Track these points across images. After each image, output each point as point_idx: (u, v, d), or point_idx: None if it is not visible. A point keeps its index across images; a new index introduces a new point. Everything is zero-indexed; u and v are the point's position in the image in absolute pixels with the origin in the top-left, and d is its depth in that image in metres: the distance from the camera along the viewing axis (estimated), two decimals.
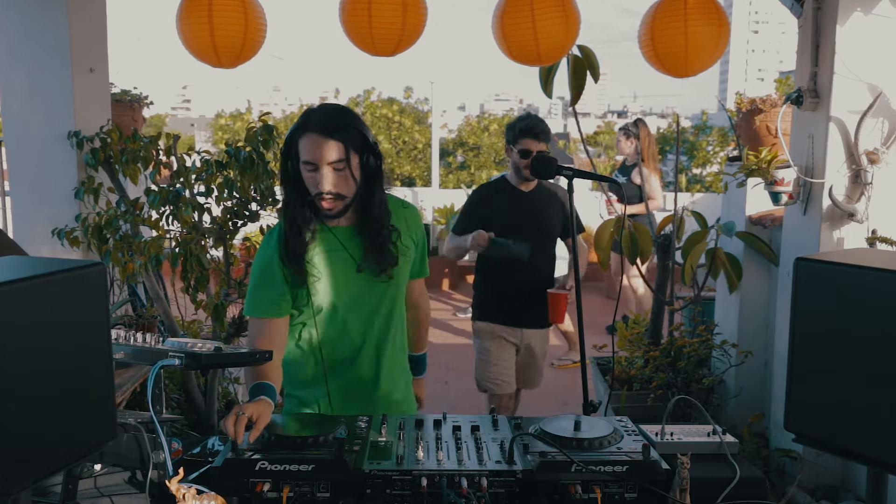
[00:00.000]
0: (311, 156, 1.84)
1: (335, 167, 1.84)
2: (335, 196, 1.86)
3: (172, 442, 1.68)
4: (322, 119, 1.86)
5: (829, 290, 1.26)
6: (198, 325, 3.69)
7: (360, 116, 1.95)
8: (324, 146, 1.83)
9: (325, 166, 1.83)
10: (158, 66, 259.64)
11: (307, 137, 1.84)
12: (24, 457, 1.09)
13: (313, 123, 1.85)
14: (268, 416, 1.66)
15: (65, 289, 1.15)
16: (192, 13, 2.51)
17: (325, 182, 1.84)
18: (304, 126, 1.86)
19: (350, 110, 1.96)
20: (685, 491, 1.45)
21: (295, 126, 1.89)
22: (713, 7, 2.50)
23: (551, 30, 2.48)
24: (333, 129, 1.84)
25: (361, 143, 1.88)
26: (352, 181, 1.88)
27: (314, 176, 1.85)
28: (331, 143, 1.83)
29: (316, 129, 1.84)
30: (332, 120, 1.86)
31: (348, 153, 1.85)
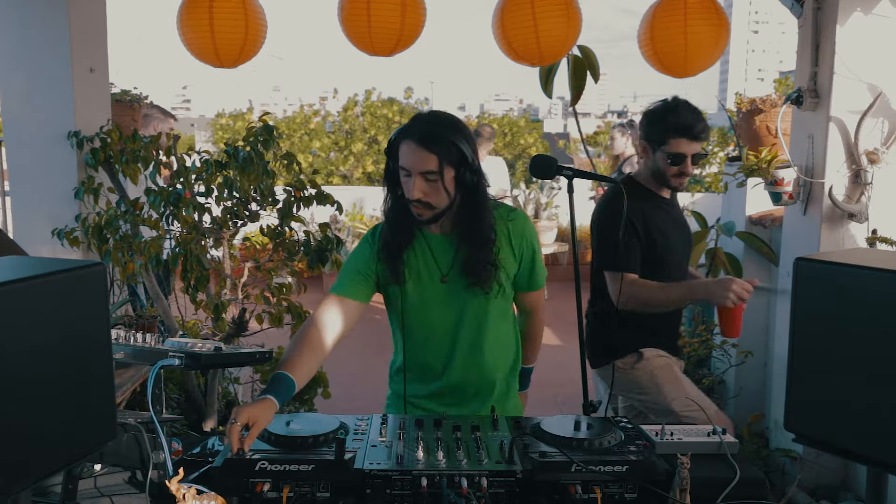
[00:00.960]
0: (406, 163, 1.86)
1: (427, 178, 1.85)
2: (424, 205, 1.88)
3: (172, 442, 1.67)
4: (423, 129, 1.86)
5: (829, 290, 1.26)
6: (198, 326, 3.69)
7: (465, 130, 1.92)
8: (418, 156, 1.84)
9: (417, 175, 1.85)
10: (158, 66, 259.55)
11: (406, 144, 1.86)
12: (24, 457, 1.09)
13: (414, 132, 1.86)
14: (265, 420, 1.58)
15: (65, 289, 1.15)
16: (192, 14, 2.51)
17: (415, 190, 1.86)
18: (406, 132, 1.88)
19: (456, 123, 1.92)
20: (685, 491, 1.45)
21: (399, 129, 1.91)
22: (713, 7, 2.50)
23: (553, 28, 2.48)
24: (431, 141, 1.84)
25: (458, 158, 1.87)
26: (444, 193, 1.87)
27: (407, 182, 1.88)
28: (425, 154, 1.83)
29: (414, 138, 1.85)
30: (433, 131, 1.86)
31: (442, 167, 1.84)
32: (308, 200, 3.11)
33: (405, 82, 18.19)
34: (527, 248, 2.04)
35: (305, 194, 3.11)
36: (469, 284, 1.96)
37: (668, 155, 2.46)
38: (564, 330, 6.15)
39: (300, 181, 3.13)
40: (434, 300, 2.00)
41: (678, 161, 2.47)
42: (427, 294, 2.00)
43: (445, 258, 1.99)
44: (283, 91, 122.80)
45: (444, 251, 1.99)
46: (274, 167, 3.15)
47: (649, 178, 2.58)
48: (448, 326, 2.01)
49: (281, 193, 3.16)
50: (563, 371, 5.14)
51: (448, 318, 2.01)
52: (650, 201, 2.56)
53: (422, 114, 1.96)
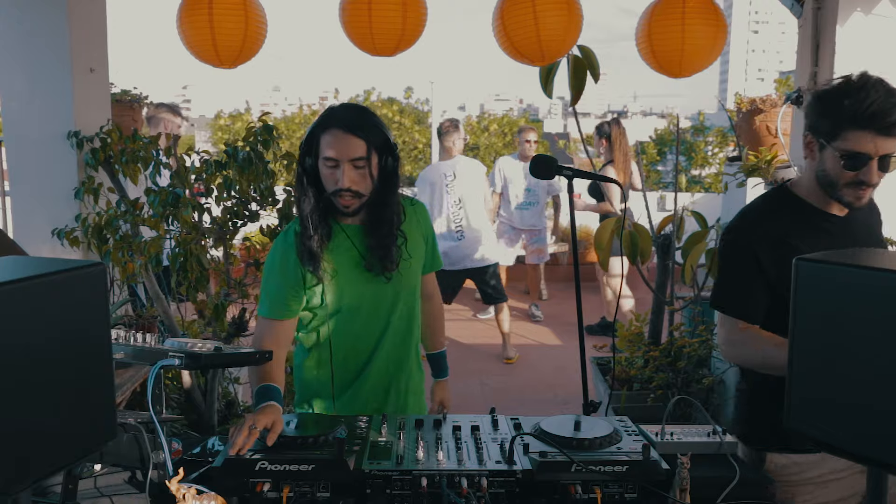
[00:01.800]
0: (334, 152, 1.85)
1: (355, 164, 1.86)
2: (354, 193, 1.88)
3: (172, 442, 1.68)
4: (346, 116, 1.88)
5: (829, 290, 1.26)
6: (198, 326, 3.69)
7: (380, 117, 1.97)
8: (347, 142, 1.85)
9: (346, 163, 1.85)
10: (158, 66, 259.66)
11: (330, 133, 1.86)
12: (24, 457, 1.09)
13: (337, 120, 1.87)
14: (281, 423, 1.64)
15: (65, 289, 1.15)
16: (192, 13, 2.51)
17: (345, 178, 1.85)
18: (328, 122, 1.88)
19: (371, 111, 1.97)
20: (685, 491, 1.45)
21: (317, 122, 1.90)
22: (711, 8, 2.50)
23: (554, 25, 2.48)
24: (357, 127, 1.86)
25: (382, 143, 1.90)
26: (369, 180, 1.89)
27: (334, 173, 1.87)
28: (354, 139, 1.85)
29: (340, 126, 1.86)
30: (356, 118, 1.88)
31: (370, 152, 1.87)
32: None
33: (405, 82, 18.21)
34: (430, 231, 2.14)
35: None
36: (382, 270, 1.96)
37: (841, 154, 1.73)
38: (564, 330, 6.15)
39: None
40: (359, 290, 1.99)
41: (857, 163, 1.72)
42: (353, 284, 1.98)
43: (364, 247, 1.98)
44: (283, 91, 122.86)
45: (362, 239, 1.98)
46: (274, 167, 3.15)
47: (812, 188, 1.85)
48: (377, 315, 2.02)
49: (281, 193, 3.16)
50: (563, 371, 5.15)
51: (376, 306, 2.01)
52: (806, 221, 1.84)
53: (336, 106, 1.96)
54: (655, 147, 11.68)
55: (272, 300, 1.97)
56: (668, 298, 3.80)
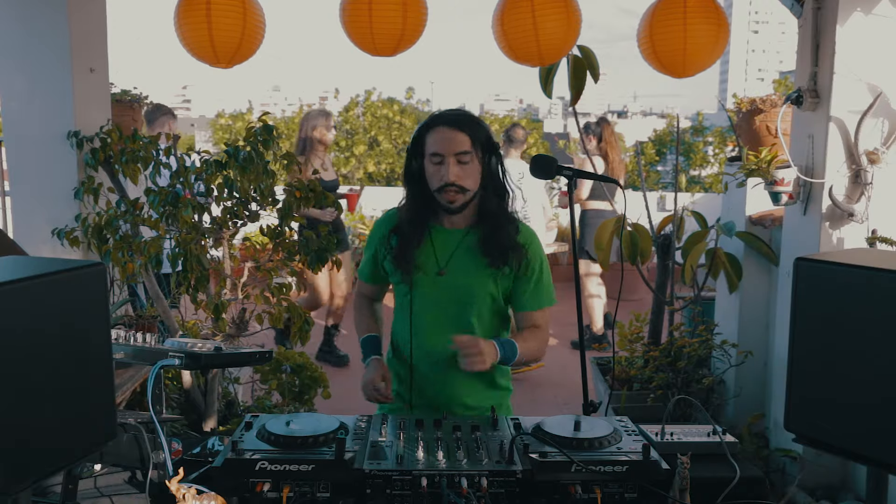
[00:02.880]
0: (439, 147, 1.94)
1: (460, 159, 1.94)
2: (458, 189, 1.95)
3: (172, 442, 1.67)
4: (450, 114, 2.00)
5: (829, 290, 1.26)
6: (198, 326, 3.69)
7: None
8: (451, 137, 1.94)
9: (451, 157, 1.93)
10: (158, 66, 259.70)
11: (436, 131, 1.96)
12: (24, 457, 1.09)
13: (443, 118, 1.98)
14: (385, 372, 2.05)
15: (65, 289, 1.15)
16: (189, 11, 2.51)
17: (450, 173, 1.93)
18: (434, 121, 1.98)
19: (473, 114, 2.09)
20: (685, 491, 1.45)
21: (424, 123, 2.01)
22: (712, 7, 2.50)
23: (552, 28, 2.48)
24: (461, 123, 1.97)
25: (486, 141, 1.98)
26: (476, 176, 1.97)
27: (439, 169, 1.95)
28: (458, 134, 1.94)
29: (445, 122, 1.96)
30: (460, 116, 1.99)
31: (474, 146, 1.95)
32: (308, 201, 3.11)
33: (405, 82, 18.21)
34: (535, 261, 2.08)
35: (305, 194, 3.11)
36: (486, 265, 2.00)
37: None
38: (564, 330, 6.15)
39: (300, 181, 3.13)
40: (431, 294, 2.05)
41: None
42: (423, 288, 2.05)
43: (445, 252, 2.03)
44: (284, 91, 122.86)
45: (446, 244, 2.04)
46: (274, 167, 3.15)
47: None
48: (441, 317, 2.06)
49: (281, 193, 3.16)
50: (564, 371, 5.15)
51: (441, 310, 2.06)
52: None
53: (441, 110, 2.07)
54: (654, 147, 11.68)
55: (364, 266, 2.24)
56: (668, 298, 3.80)
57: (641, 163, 6.73)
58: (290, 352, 3.63)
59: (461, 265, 2.03)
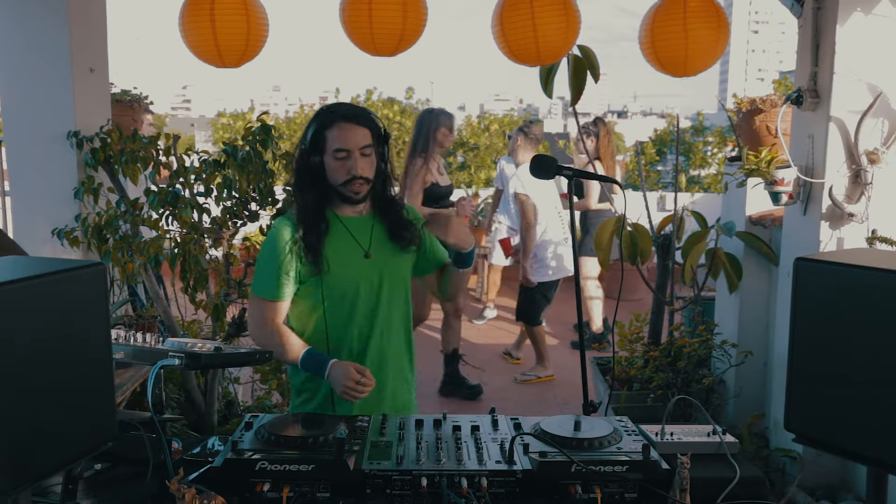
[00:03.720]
0: (344, 143, 1.97)
1: (363, 152, 1.99)
2: (365, 180, 2.00)
3: (172, 442, 1.67)
4: (348, 110, 2.02)
5: (829, 290, 1.26)
6: (198, 326, 3.69)
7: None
8: (355, 133, 1.98)
9: (357, 151, 1.98)
10: (158, 66, 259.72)
11: (337, 127, 1.99)
12: (24, 457, 1.09)
13: (341, 114, 2.00)
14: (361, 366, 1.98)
15: (65, 289, 1.15)
16: (194, 14, 2.51)
17: (358, 166, 1.98)
18: (333, 118, 2.00)
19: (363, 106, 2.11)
20: (685, 491, 1.45)
21: (320, 122, 2.01)
22: (713, 8, 2.50)
23: (551, 30, 2.48)
24: (360, 118, 2.01)
25: (380, 133, 2.05)
26: (374, 166, 2.03)
27: (345, 164, 1.99)
28: (361, 129, 1.99)
29: (346, 119, 1.99)
30: (356, 110, 2.03)
31: (374, 139, 2.01)
32: None
33: (406, 82, 18.18)
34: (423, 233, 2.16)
35: None
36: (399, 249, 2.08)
37: None
38: (564, 330, 6.15)
39: None
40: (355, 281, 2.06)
41: None
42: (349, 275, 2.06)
43: (363, 236, 2.08)
44: (284, 91, 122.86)
45: (361, 230, 2.08)
46: (273, 167, 3.15)
47: None
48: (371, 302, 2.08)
49: (280, 193, 3.16)
50: (563, 371, 5.15)
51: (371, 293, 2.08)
52: None
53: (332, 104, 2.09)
54: (654, 147, 11.68)
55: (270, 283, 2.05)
56: (668, 298, 3.80)
57: (641, 163, 6.71)
58: None
59: (383, 249, 2.09)
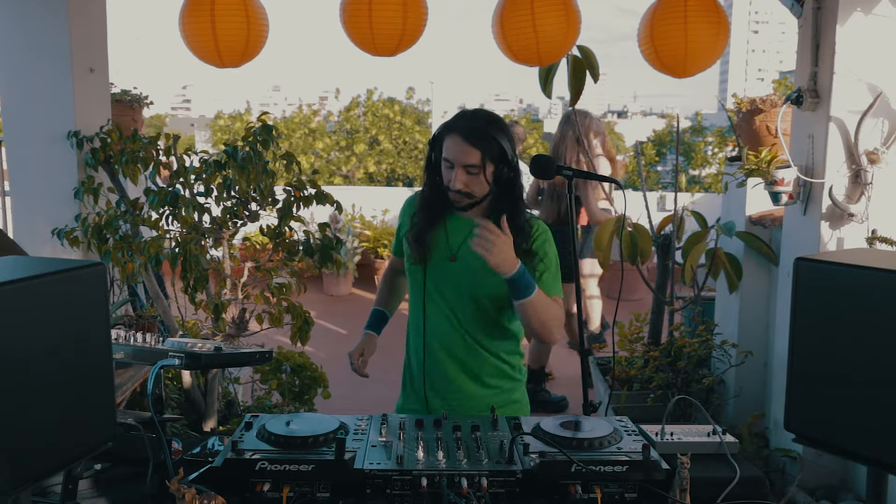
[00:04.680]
0: (450, 155, 1.98)
1: (469, 170, 1.97)
2: (464, 194, 2.00)
3: (172, 442, 1.67)
4: (468, 124, 1.98)
5: (829, 290, 1.26)
6: (198, 326, 3.69)
7: (507, 129, 2.03)
8: (462, 150, 1.96)
9: (460, 168, 1.97)
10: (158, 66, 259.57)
11: (451, 138, 1.99)
12: (24, 456, 1.09)
13: (460, 127, 1.99)
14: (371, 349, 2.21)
15: (65, 289, 1.15)
16: (194, 15, 2.51)
17: (457, 181, 1.98)
18: (452, 127, 2.00)
19: (498, 121, 2.03)
20: (685, 491, 1.45)
21: (445, 124, 2.04)
22: (713, 7, 2.50)
23: (552, 29, 2.48)
24: (475, 137, 1.95)
25: (498, 154, 1.98)
26: (484, 185, 2.00)
27: (449, 172, 2.00)
28: (469, 148, 1.95)
29: (460, 133, 1.97)
30: (478, 127, 1.97)
31: (484, 161, 1.97)
32: (308, 200, 3.11)
33: (406, 82, 18.20)
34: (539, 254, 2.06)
35: (305, 194, 3.11)
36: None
37: None
38: (565, 330, 6.15)
39: (300, 181, 3.13)
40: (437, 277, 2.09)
41: None
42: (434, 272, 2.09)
43: (457, 238, 2.08)
44: (283, 91, 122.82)
45: (458, 231, 2.08)
46: (273, 167, 3.15)
47: None
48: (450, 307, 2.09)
49: (280, 193, 3.16)
50: (563, 371, 5.15)
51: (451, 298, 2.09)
52: None
53: (467, 110, 2.08)
54: (654, 147, 11.69)
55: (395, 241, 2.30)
56: (668, 298, 3.80)
57: (641, 163, 6.71)
58: (290, 352, 3.63)
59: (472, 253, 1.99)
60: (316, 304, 6.66)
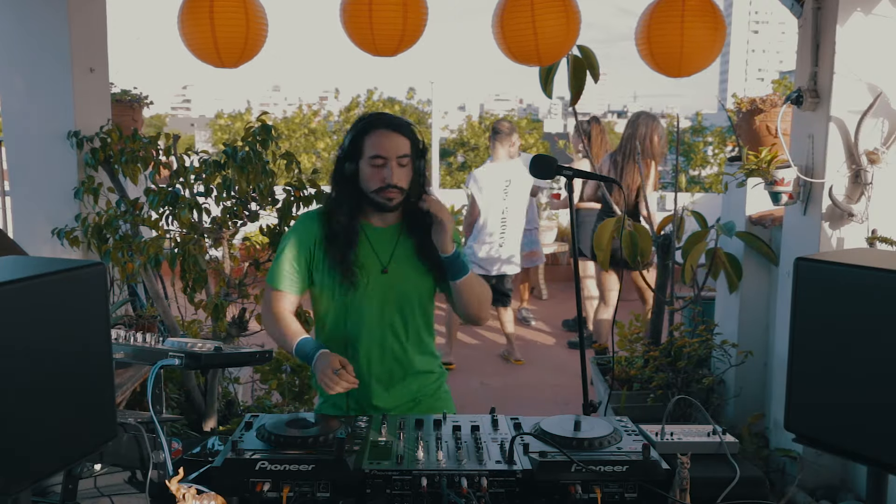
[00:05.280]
0: (382, 150, 1.97)
1: (400, 162, 1.98)
2: (398, 190, 1.99)
3: (172, 442, 1.67)
4: (388, 119, 2.03)
5: (829, 290, 1.26)
6: (198, 326, 3.69)
7: None
8: (394, 141, 1.98)
9: (394, 160, 1.97)
10: (158, 66, 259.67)
11: (377, 133, 1.99)
12: (24, 457, 1.09)
13: (382, 122, 2.01)
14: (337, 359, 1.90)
15: (65, 289, 1.15)
16: (193, 14, 2.51)
17: (394, 175, 1.97)
18: (373, 124, 2.01)
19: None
20: (685, 491, 1.45)
21: (360, 128, 2.02)
22: (710, 8, 2.50)
23: (551, 29, 2.48)
24: (401, 127, 2.01)
25: (419, 144, 2.04)
26: (410, 177, 2.02)
27: (380, 171, 1.98)
28: (400, 138, 1.99)
29: (386, 126, 1.99)
30: (398, 120, 2.03)
31: (413, 150, 2.01)
32: (308, 200, 3.12)
33: (406, 82, 18.20)
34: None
35: (305, 194, 3.11)
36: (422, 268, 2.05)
37: None
38: (561, 330, 6.15)
39: (300, 181, 3.13)
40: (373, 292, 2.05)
41: None
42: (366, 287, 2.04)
43: (385, 250, 2.06)
44: (283, 91, 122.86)
45: (384, 243, 2.06)
46: (273, 167, 3.15)
47: None
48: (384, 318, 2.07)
49: (280, 193, 3.16)
50: (563, 371, 5.15)
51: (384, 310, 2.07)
52: None
53: (373, 112, 2.11)
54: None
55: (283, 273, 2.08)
56: (668, 298, 3.80)
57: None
58: None
59: (402, 265, 2.06)
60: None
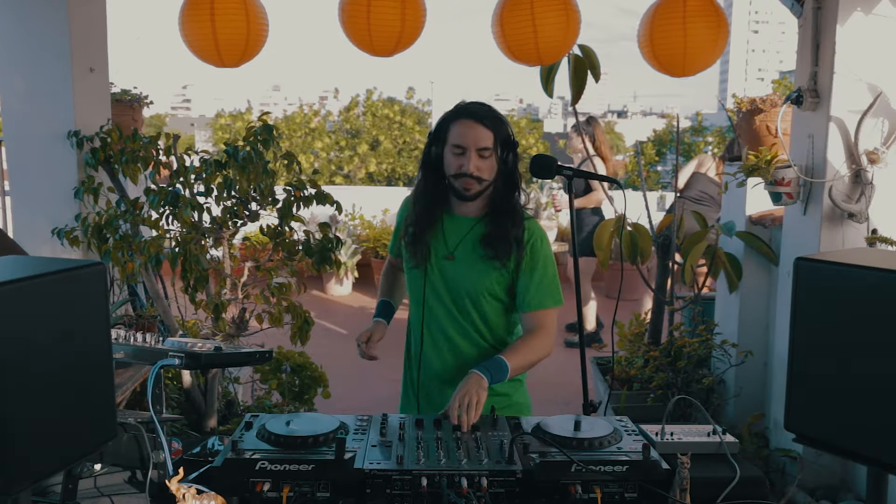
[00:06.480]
0: (462, 139, 1.98)
1: (481, 154, 1.98)
2: (476, 179, 1.99)
3: (172, 442, 1.67)
4: (477, 109, 2.02)
5: (829, 290, 1.26)
6: (198, 326, 3.69)
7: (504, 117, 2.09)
8: (476, 132, 1.97)
9: (473, 151, 1.97)
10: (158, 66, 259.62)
11: (461, 123, 1.99)
12: (24, 456, 1.09)
13: (469, 111, 2.01)
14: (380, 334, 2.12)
15: (65, 289, 1.15)
16: (194, 14, 2.51)
17: (470, 164, 1.97)
18: (461, 112, 2.02)
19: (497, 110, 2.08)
20: (685, 491, 1.45)
21: (450, 112, 2.04)
22: (712, 8, 2.50)
23: (551, 29, 2.48)
24: (487, 119, 1.99)
25: (506, 138, 2.02)
26: (492, 170, 2.01)
27: (459, 159, 1.99)
28: (483, 130, 1.97)
29: (471, 116, 1.99)
30: (487, 111, 2.02)
31: (496, 143, 1.99)
32: (308, 200, 3.12)
33: (406, 82, 18.20)
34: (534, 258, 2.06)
35: (305, 194, 3.11)
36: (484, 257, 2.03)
37: None
38: (559, 331, 6.15)
39: (300, 181, 3.13)
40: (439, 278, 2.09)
41: None
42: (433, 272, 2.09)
43: (454, 237, 2.07)
44: (284, 91, 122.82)
45: (456, 230, 2.08)
46: (274, 167, 3.15)
47: None
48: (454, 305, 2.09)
49: (281, 193, 3.16)
50: (564, 371, 5.15)
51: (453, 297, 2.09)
52: None
53: (467, 101, 2.09)
54: (654, 147, 11.69)
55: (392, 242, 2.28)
56: (668, 298, 3.80)
57: (641, 163, 6.72)
58: (291, 352, 3.63)
59: (468, 253, 2.06)
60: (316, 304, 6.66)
